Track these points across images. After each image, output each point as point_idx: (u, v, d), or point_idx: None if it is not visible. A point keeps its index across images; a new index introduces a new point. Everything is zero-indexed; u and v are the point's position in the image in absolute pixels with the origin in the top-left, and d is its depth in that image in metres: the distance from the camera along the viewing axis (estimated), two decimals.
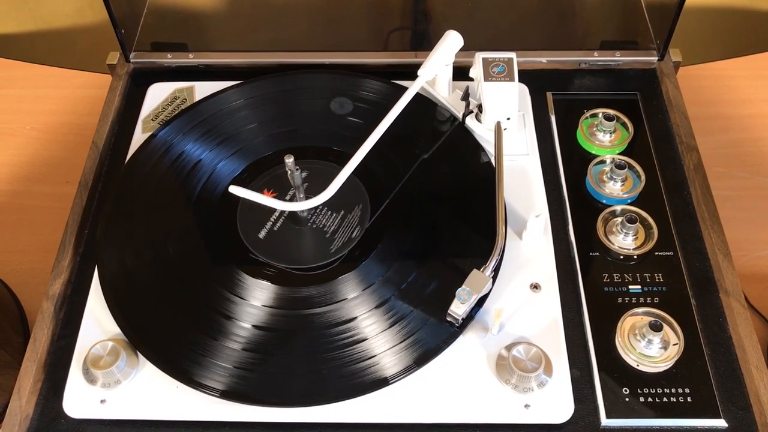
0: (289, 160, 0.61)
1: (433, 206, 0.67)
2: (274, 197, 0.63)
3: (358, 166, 0.63)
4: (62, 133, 0.89)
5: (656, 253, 0.65)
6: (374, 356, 0.58)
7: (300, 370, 0.58)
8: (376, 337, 0.59)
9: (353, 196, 0.67)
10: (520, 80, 0.72)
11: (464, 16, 0.88)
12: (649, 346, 0.59)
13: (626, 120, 0.73)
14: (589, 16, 0.89)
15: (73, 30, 1.11)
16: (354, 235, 0.65)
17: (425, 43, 0.69)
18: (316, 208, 0.65)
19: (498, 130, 0.68)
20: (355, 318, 0.60)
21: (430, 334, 0.59)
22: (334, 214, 0.66)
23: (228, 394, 0.57)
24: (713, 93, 0.91)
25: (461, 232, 0.65)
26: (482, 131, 0.70)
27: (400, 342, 0.59)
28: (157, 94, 0.77)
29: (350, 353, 0.58)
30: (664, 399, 0.57)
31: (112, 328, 0.60)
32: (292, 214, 0.66)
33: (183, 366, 0.58)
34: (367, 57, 0.80)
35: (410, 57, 0.79)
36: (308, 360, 0.58)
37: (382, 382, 0.57)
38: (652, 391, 0.58)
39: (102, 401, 0.57)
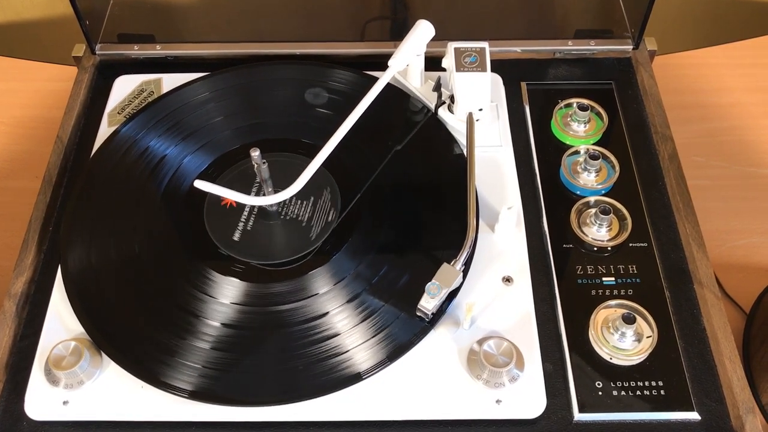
0: (255, 153, 0.60)
1: (405, 199, 0.66)
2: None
3: (328, 158, 0.61)
4: (31, 128, 0.88)
5: (630, 245, 0.64)
6: (346, 352, 0.57)
7: (271, 368, 0.57)
8: (348, 333, 0.58)
9: (320, 180, 0.66)
10: (495, 70, 0.72)
11: (442, 5, 0.87)
12: (623, 338, 0.58)
13: (601, 110, 0.72)
14: (564, 4, 0.88)
15: (44, 22, 1.09)
16: (330, 218, 0.64)
17: (403, 33, 0.68)
18: (284, 200, 0.64)
19: (470, 121, 0.67)
20: (327, 313, 0.59)
21: (402, 329, 0.58)
22: (305, 203, 0.65)
23: (197, 395, 0.56)
24: (691, 82, 0.90)
25: (433, 225, 0.64)
26: (454, 122, 0.69)
27: (372, 337, 0.58)
28: (124, 87, 0.75)
29: (321, 350, 0.58)
30: (638, 392, 0.57)
31: (76, 328, 0.59)
32: (262, 209, 0.64)
33: (150, 366, 0.57)
34: (341, 47, 0.79)
35: (385, 47, 0.78)
36: (279, 358, 0.57)
37: (355, 377, 0.56)
38: (626, 384, 0.57)
39: (65, 402, 0.56)
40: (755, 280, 0.73)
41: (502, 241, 0.64)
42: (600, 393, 0.57)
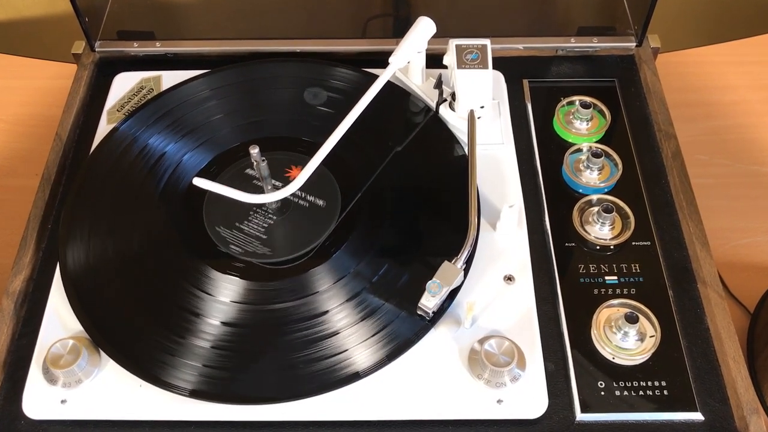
0: (254, 150, 0.59)
1: (405, 196, 0.65)
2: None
3: (328, 155, 0.61)
4: (31, 125, 0.88)
5: (633, 243, 0.64)
6: (346, 350, 0.57)
7: (270, 367, 0.57)
8: (348, 331, 0.58)
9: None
10: (497, 67, 0.71)
11: (443, 2, 0.86)
12: (625, 338, 0.58)
13: (603, 107, 0.71)
14: (567, 1, 0.87)
15: (44, 19, 1.09)
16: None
17: (405, 31, 0.68)
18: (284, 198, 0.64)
19: (471, 118, 0.66)
20: (326, 312, 0.59)
21: (402, 328, 0.58)
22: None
23: (196, 393, 0.55)
24: (695, 79, 0.90)
25: (434, 223, 0.64)
26: (455, 120, 0.69)
27: (371, 336, 0.57)
28: (123, 84, 0.75)
29: (321, 348, 0.57)
30: (640, 392, 0.56)
31: (75, 326, 0.59)
32: (263, 207, 0.64)
33: (148, 364, 0.56)
34: (341, 44, 0.78)
35: (386, 44, 0.77)
36: (279, 356, 0.57)
37: (354, 376, 0.56)
38: (628, 384, 0.56)
39: (63, 401, 0.56)
40: (759, 279, 0.72)
41: (503, 240, 0.63)
42: (602, 393, 0.56)
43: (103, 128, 0.71)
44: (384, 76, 0.66)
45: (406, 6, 0.89)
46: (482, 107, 0.67)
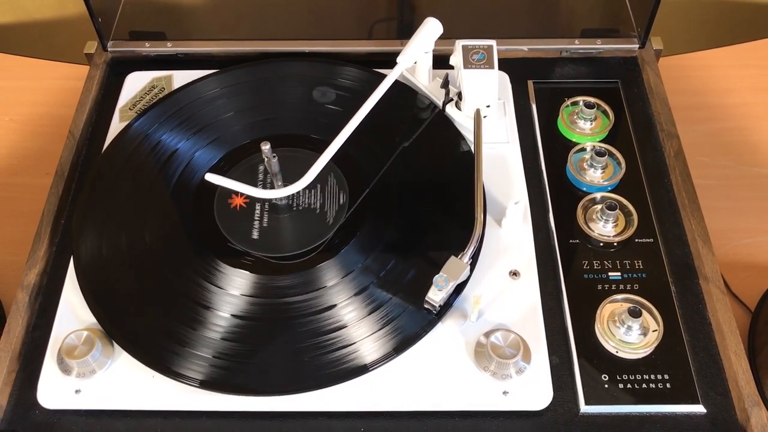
0: (266, 146, 0.61)
1: (413, 193, 0.66)
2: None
3: (337, 153, 0.62)
4: (41, 125, 0.88)
5: (636, 240, 0.65)
6: (353, 344, 0.58)
7: (279, 359, 0.57)
8: (355, 325, 0.59)
9: (329, 175, 0.67)
10: (502, 69, 0.72)
11: (449, 6, 0.88)
12: (629, 332, 0.58)
13: (607, 108, 0.72)
14: (571, 4, 0.88)
15: (54, 22, 1.10)
16: (342, 201, 0.65)
17: (410, 34, 0.69)
18: (294, 194, 0.65)
19: (477, 117, 0.67)
20: (334, 306, 0.60)
21: (409, 322, 0.58)
22: (314, 197, 0.66)
23: (207, 384, 0.56)
24: (698, 82, 0.91)
25: (440, 220, 0.65)
26: (462, 119, 0.70)
27: (379, 329, 0.58)
28: (135, 83, 0.76)
29: (329, 341, 0.58)
30: (643, 385, 0.57)
31: (88, 318, 0.60)
32: (273, 203, 0.65)
33: (160, 355, 0.57)
34: (349, 45, 0.79)
35: (393, 45, 0.79)
36: (287, 348, 0.58)
37: (362, 369, 0.56)
38: (631, 377, 0.57)
39: (77, 391, 0.57)
40: (760, 278, 0.73)
41: (508, 236, 0.64)
42: (606, 386, 0.57)
43: (116, 126, 0.73)
44: (392, 76, 0.67)
45: (410, 10, 0.91)
46: (488, 106, 0.68)
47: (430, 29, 0.69)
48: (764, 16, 1.07)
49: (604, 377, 0.58)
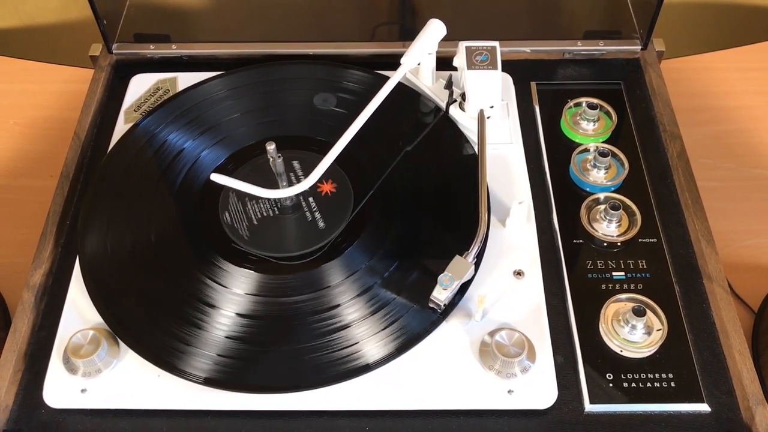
0: (271, 147, 0.61)
1: (417, 194, 0.67)
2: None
3: (341, 155, 0.62)
4: (46, 128, 0.89)
5: (640, 240, 0.65)
6: (357, 343, 0.58)
7: (283, 357, 0.58)
8: (359, 324, 0.59)
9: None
10: (505, 70, 0.73)
11: (450, 8, 0.88)
12: (633, 331, 0.59)
13: (610, 109, 0.73)
14: (573, 5, 0.89)
15: (58, 25, 1.10)
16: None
17: (412, 37, 0.70)
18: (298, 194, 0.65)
19: (481, 117, 0.67)
20: (338, 305, 0.60)
21: (413, 321, 0.59)
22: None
23: (211, 382, 0.56)
24: (700, 85, 0.91)
25: (444, 220, 0.65)
26: (465, 120, 0.70)
27: (383, 329, 0.58)
28: (140, 85, 0.76)
29: (333, 340, 0.58)
30: (648, 384, 0.57)
31: (94, 318, 0.60)
32: (278, 204, 0.65)
33: (165, 354, 0.57)
34: (352, 47, 0.80)
35: (395, 47, 0.79)
36: (291, 347, 0.58)
37: (365, 368, 0.57)
38: (636, 376, 0.58)
39: (83, 390, 0.57)
40: (763, 279, 0.73)
41: (512, 236, 0.64)
42: (610, 385, 0.57)
43: (121, 127, 0.73)
44: (395, 77, 0.67)
45: (411, 14, 0.91)
46: (492, 107, 0.69)
47: (434, 30, 0.69)
48: (765, 19, 1.07)
49: (609, 376, 0.58)
